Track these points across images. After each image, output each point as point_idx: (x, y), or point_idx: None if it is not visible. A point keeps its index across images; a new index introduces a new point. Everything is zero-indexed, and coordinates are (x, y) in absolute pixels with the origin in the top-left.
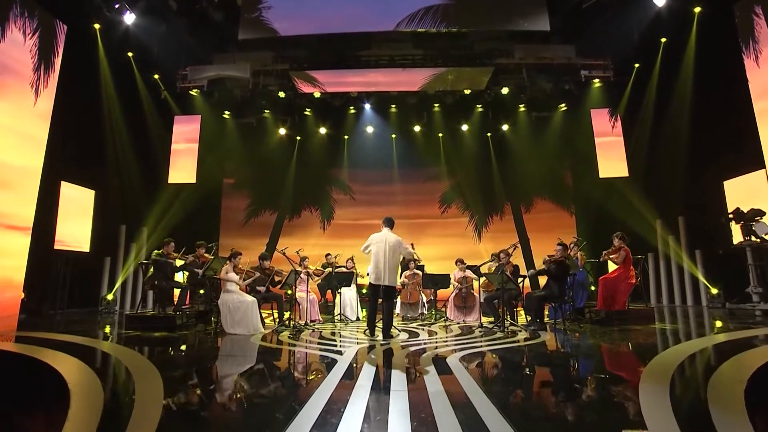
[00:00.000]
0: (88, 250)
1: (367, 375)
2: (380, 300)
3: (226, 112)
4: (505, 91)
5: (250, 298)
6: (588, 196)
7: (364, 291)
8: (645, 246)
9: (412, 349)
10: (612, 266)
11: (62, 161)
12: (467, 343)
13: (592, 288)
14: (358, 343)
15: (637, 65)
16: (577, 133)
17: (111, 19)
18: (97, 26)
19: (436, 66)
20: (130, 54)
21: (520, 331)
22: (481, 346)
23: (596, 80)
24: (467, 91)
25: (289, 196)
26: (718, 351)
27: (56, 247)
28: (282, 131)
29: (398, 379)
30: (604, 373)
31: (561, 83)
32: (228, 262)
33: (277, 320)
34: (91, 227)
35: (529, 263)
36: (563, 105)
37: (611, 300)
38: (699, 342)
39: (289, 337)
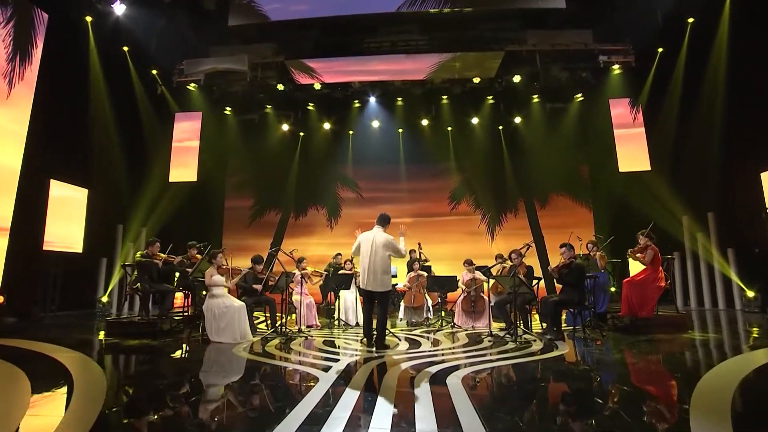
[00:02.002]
0: (80, 250)
1: (346, 403)
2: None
3: (227, 108)
4: (516, 79)
5: (237, 303)
6: (607, 192)
7: None
8: (671, 244)
9: (410, 363)
10: (634, 268)
11: (51, 159)
12: (474, 356)
13: (612, 289)
14: (350, 355)
15: (660, 49)
16: (595, 125)
17: (101, 11)
18: (89, 18)
19: (442, 51)
20: (125, 48)
21: (535, 340)
22: (490, 360)
23: (616, 67)
24: (476, 80)
25: (293, 194)
26: None
27: (45, 247)
28: (285, 127)
29: (382, 411)
30: (639, 400)
31: (577, 71)
32: (210, 264)
33: (272, 325)
34: (84, 227)
35: (544, 263)
36: (580, 95)
37: (637, 305)
38: (749, 358)
39: (276, 347)
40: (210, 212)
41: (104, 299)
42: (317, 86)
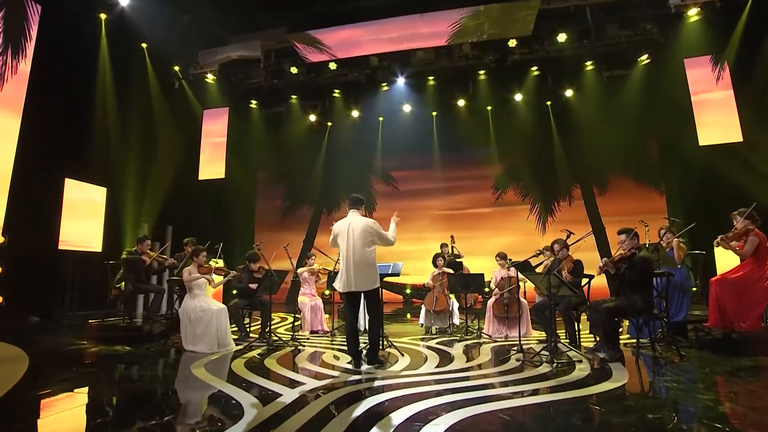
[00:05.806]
0: (99, 250)
1: None
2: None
3: (253, 102)
4: (561, 38)
5: (216, 306)
6: (683, 171)
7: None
8: None
9: (388, 396)
10: (722, 262)
11: (63, 157)
12: (487, 384)
13: (694, 289)
14: (322, 377)
15: None
16: (666, 92)
17: (105, 2)
18: (103, 16)
19: (457, 7)
20: (144, 45)
21: (581, 360)
22: (507, 393)
23: (692, 13)
24: (512, 43)
25: (324, 187)
26: None
27: (61, 247)
28: (312, 118)
29: None
30: None
31: (641, 25)
32: (192, 261)
33: (261, 332)
34: (103, 226)
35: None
36: (645, 57)
37: (734, 313)
38: None
39: (246, 362)
40: (240, 209)
41: None
42: (333, 66)
